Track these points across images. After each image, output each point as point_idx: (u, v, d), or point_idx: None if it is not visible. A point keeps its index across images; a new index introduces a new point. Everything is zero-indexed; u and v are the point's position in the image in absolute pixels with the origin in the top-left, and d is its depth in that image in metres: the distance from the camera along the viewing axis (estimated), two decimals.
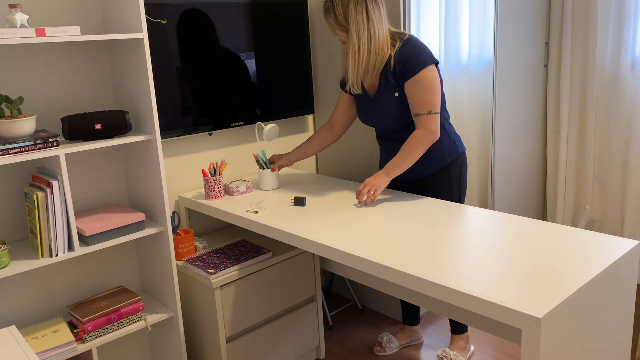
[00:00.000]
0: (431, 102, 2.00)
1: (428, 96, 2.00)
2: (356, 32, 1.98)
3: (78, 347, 1.88)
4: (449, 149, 2.15)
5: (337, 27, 2.02)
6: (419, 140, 2.02)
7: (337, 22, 2.01)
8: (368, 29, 1.98)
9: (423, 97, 2.00)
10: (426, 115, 2.01)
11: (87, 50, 2.06)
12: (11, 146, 1.68)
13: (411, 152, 2.03)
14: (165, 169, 2.26)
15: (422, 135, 2.02)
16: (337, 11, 2.00)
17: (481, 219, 1.83)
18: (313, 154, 2.41)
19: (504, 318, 1.26)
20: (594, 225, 3.17)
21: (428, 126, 2.01)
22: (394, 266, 1.50)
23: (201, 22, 2.31)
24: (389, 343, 2.54)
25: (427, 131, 2.02)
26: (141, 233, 2.01)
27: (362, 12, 1.97)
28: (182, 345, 2.15)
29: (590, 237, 1.61)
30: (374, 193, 2.02)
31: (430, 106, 2.00)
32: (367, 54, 2.01)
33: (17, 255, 1.83)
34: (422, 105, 2.01)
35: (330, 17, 2.03)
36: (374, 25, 1.99)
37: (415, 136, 2.03)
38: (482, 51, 2.92)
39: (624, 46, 2.86)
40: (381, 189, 2.03)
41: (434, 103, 2.01)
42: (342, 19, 1.99)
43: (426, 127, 2.01)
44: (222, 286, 2.05)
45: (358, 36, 1.98)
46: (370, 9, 1.98)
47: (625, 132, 2.95)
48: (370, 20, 1.98)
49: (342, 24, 2.00)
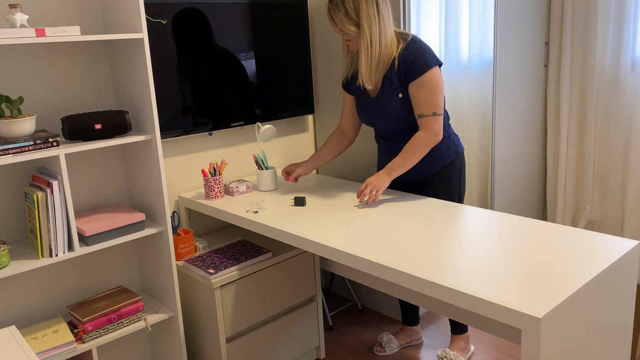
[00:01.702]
0: (435, 103, 2.00)
1: (432, 97, 2.00)
2: (368, 26, 1.97)
3: (78, 347, 1.88)
4: (448, 149, 2.15)
5: (348, 22, 1.99)
6: (423, 141, 2.02)
7: (348, 17, 1.98)
8: (379, 23, 1.98)
9: (428, 98, 2.00)
10: (430, 116, 2.01)
11: (87, 50, 2.06)
12: (11, 146, 1.68)
13: (414, 152, 2.02)
14: (165, 169, 2.26)
15: (425, 136, 2.02)
16: (347, 5, 1.97)
17: (481, 219, 1.83)
18: (330, 159, 2.35)
19: (504, 318, 1.26)
20: (594, 225, 3.17)
21: (432, 127, 2.01)
22: (394, 266, 1.50)
23: (201, 22, 2.31)
24: (389, 343, 2.54)
25: (431, 132, 2.01)
26: (141, 233, 2.01)
27: (374, 6, 1.96)
28: (182, 345, 2.15)
29: (590, 237, 1.61)
30: (376, 193, 2.01)
31: (434, 107, 2.00)
32: (379, 48, 2.00)
33: (17, 255, 1.83)
34: (427, 106, 2.00)
35: (340, 12, 1.99)
36: (384, 20, 1.99)
37: (419, 137, 2.02)
38: (482, 51, 2.92)
39: (624, 46, 2.86)
40: (382, 189, 2.03)
41: (438, 104, 2.01)
42: (353, 12, 1.97)
43: (430, 129, 2.01)
44: (222, 286, 2.05)
45: (370, 30, 1.97)
46: (380, 4, 1.97)
47: (625, 132, 2.95)
48: (381, 15, 1.98)
49: (352, 19, 1.98)
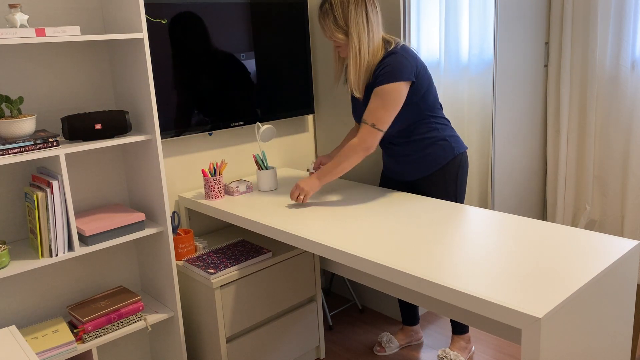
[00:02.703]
0: (380, 117, 1.97)
1: (380, 110, 1.97)
2: (357, 34, 1.97)
3: (78, 347, 1.88)
4: (443, 151, 2.14)
5: (336, 30, 2.00)
6: (352, 149, 2.01)
7: (337, 25, 1.99)
8: (367, 32, 1.98)
9: (375, 109, 1.98)
10: (369, 126, 1.98)
11: (87, 50, 2.06)
12: (11, 146, 1.68)
13: (344, 159, 2.03)
14: (165, 169, 2.27)
15: (355, 145, 2.01)
16: (336, 13, 1.98)
17: (481, 219, 1.83)
18: None
19: (504, 318, 1.26)
20: (594, 225, 3.17)
21: (365, 138, 1.99)
22: (393, 266, 1.50)
23: (201, 22, 2.31)
24: (389, 343, 2.54)
25: (362, 142, 2.00)
26: (141, 233, 2.01)
27: (362, 14, 1.96)
28: (182, 345, 2.15)
29: (590, 237, 1.61)
30: (304, 197, 2.06)
31: (376, 120, 1.98)
32: (367, 56, 2.00)
33: (17, 255, 1.83)
34: (370, 115, 1.99)
35: (329, 20, 2.00)
36: (373, 28, 1.99)
37: (351, 145, 2.02)
38: (482, 51, 2.92)
39: (624, 46, 2.86)
40: (310, 193, 2.07)
41: (381, 119, 1.97)
42: (342, 21, 1.98)
43: (362, 139, 2.00)
44: (222, 286, 2.05)
45: (359, 38, 1.97)
46: (369, 12, 1.97)
47: (625, 132, 2.95)
48: (370, 22, 1.98)
49: (341, 27, 1.99)
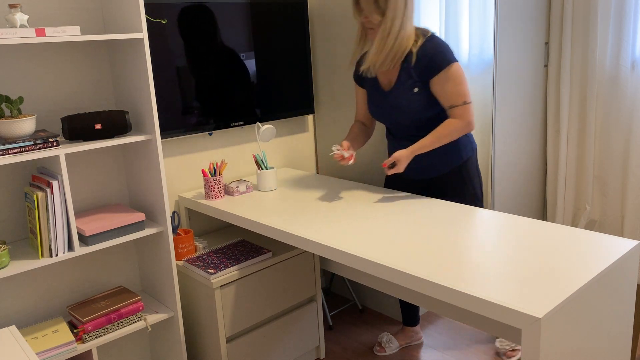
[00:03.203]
0: (464, 92, 2.02)
1: (459, 87, 2.02)
2: (392, 17, 1.97)
3: (78, 347, 1.88)
4: (464, 146, 2.15)
5: (375, 10, 1.99)
6: (455, 127, 2.03)
7: (377, 5, 1.98)
8: (403, 17, 1.99)
9: (455, 89, 2.02)
10: (462, 105, 2.02)
11: (87, 50, 2.06)
12: (11, 146, 1.68)
13: (444, 135, 2.03)
14: (165, 169, 2.27)
15: (458, 124, 2.03)
16: None
17: (481, 219, 1.83)
18: (362, 144, 2.31)
19: (504, 318, 1.26)
20: (594, 225, 3.17)
21: (465, 117, 2.02)
22: (394, 266, 1.50)
23: (201, 22, 2.31)
24: (389, 343, 2.54)
25: (464, 121, 2.03)
26: (141, 233, 2.01)
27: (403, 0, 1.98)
28: (182, 345, 2.15)
29: (590, 237, 1.61)
30: (397, 167, 2.02)
31: (464, 96, 2.02)
32: (393, 41, 2.00)
33: (17, 255, 1.83)
34: (456, 97, 2.02)
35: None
36: (409, 14, 2.00)
37: (452, 123, 2.03)
38: (482, 51, 2.92)
39: (624, 46, 2.86)
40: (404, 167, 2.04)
41: (466, 93, 2.03)
42: (384, 1, 1.97)
43: (463, 117, 2.02)
44: (222, 286, 2.05)
45: (393, 21, 1.98)
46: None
47: (625, 132, 2.95)
48: (407, 9, 1.99)
49: (381, 7, 1.98)
